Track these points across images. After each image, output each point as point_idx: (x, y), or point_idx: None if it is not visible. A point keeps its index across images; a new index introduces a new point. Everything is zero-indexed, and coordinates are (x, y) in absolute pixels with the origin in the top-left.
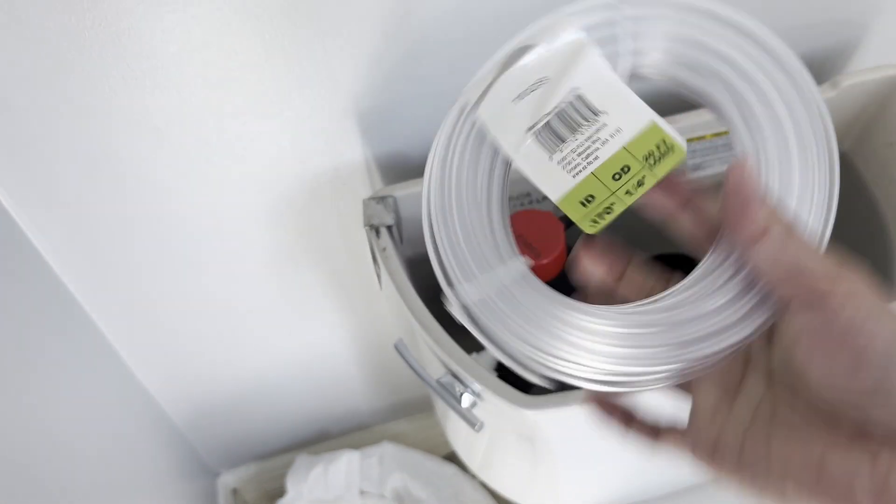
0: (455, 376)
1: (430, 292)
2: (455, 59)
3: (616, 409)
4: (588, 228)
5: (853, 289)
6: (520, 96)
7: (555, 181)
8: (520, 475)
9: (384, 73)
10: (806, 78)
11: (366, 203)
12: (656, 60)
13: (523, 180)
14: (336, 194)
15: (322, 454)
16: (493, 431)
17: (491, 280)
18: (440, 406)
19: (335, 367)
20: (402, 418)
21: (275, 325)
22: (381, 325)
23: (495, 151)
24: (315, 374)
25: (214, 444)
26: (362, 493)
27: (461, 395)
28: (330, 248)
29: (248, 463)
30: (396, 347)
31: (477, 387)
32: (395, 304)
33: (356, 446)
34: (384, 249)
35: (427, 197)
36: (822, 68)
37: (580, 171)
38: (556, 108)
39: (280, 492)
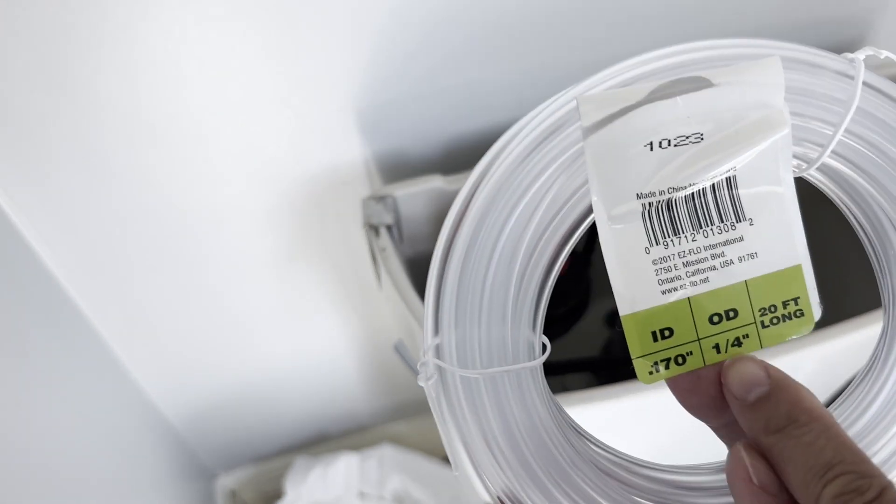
0: None
1: None
2: (455, 59)
3: None
4: (642, 373)
5: None
6: (658, 144)
7: (635, 285)
8: None
9: (384, 72)
10: None
11: (365, 202)
12: (839, 170)
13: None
14: (335, 193)
15: (321, 456)
16: None
17: (498, 350)
18: None
19: (334, 367)
20: (402, 420)
21: (273, 326)
22: (380, 325)
23: (583, 196)
24: (314, 375)
25: (212, 446)
26: (361, 494)
27: None
28: (329, 248)
29: (247, 465)
30: (395, 348)
31: None
32: (394, 304)
33: (355, 448)
34: (383, 249)
35: (471, 193)
36: None
37: (675, 289)
38: (694, 184)
39: (278, 494)
